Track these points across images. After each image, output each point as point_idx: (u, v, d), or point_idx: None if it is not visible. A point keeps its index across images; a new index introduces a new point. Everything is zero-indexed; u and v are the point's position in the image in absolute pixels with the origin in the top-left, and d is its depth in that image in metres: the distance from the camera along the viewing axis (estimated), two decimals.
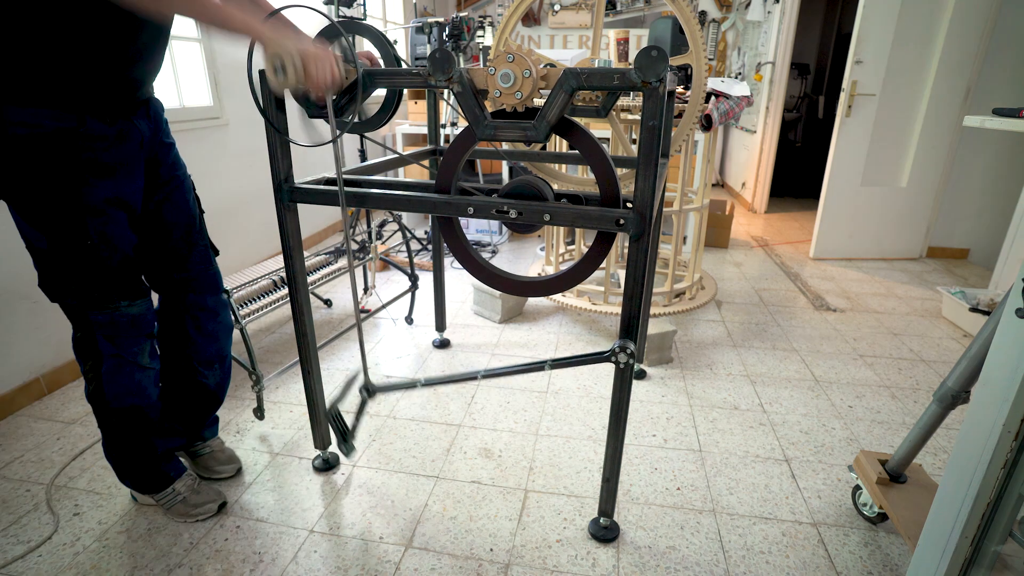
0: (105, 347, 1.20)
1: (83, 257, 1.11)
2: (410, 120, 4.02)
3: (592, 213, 1.08)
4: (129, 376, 1.25)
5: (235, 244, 2.81)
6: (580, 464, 1.61)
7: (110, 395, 1.24)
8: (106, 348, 1.21)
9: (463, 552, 1.30)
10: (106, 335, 1.19)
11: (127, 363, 1.24)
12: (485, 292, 2.58)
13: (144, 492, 1.39)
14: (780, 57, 4.37)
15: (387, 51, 1.38)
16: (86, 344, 1.21)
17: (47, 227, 1.08)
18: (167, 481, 1.38)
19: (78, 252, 1.10)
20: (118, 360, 1.23)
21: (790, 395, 1.98)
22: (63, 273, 1.12)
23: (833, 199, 3.41)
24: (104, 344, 1.20)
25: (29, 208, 1.07)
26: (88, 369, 1.23)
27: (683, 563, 1.28)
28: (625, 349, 1.14)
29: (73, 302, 1.15)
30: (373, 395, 1.41)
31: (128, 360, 1.24)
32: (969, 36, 3.06)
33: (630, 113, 2.22)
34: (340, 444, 1.41)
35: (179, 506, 1.38)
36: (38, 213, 1.07)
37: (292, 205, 1.29)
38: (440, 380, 1.34)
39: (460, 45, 2.76)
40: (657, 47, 0.94)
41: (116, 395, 1.25)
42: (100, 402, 1.25)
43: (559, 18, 5.15)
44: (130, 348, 1.23)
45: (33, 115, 1.00)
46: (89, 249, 1.11)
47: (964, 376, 1.14)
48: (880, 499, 1.29)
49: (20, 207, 1.07)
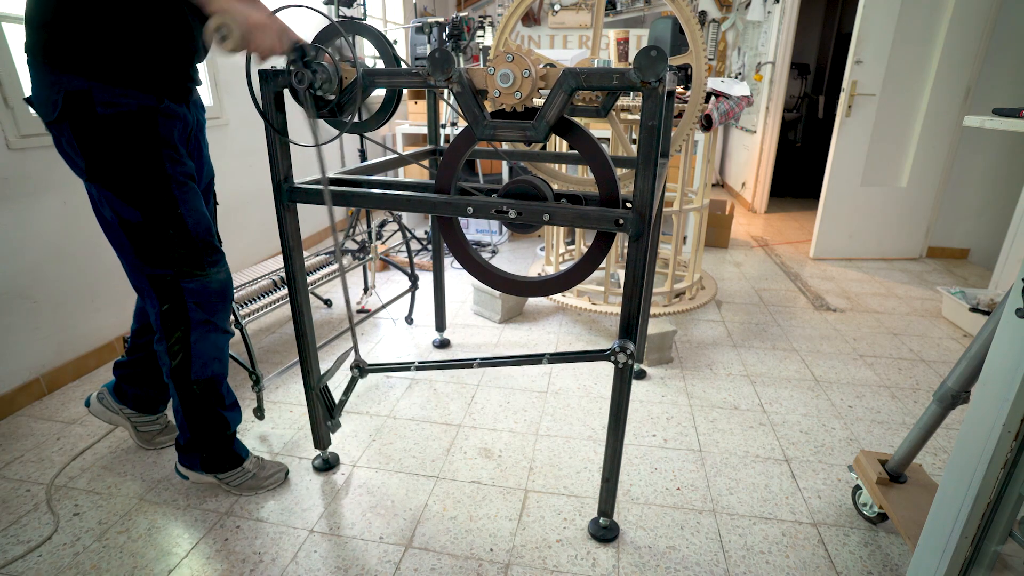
0: (195, 314, 1.28)
1: (175, 226, 1.20)
2: (410, 120, 4.02)
3: (592, 213, 1.08)
4: (214, 343, 1.33)
5: (235, 244, 2.81)
6: (580, 464, 1.61)
7: (196, 364, 1.31)
8: (196, 315, 1.28)
9: (463, 552, 1.30)
10: (196, 302, 1.27)
11: (214, 328, 1.32)
12: (485, 292, 2.58)
13: (215, 471, 1.44)
14: (780, 57, 4.37)
15: (387, 51, 1.38)
16: (175, 314, 1.26)
17: (141, 201, 1.16)
18: (238, 461, 1.45)
19: (171, 222, 1.19)
20: (206, 326, 1.30)
21: (790, 395, 1.98)
22: (158, 245, 1.20)
23: (833, 199, 3.41)
24: (194, 312, 1.27)
25: (122, 184, 1.14)
26: (175, 341, 1.29)
27: (683, 563, 1.28)
28: (625, 349, 1.14)
29: (169, 272, 1.23)
30: (364, 374, 1.43)
31: (216, 325, 1.32)
32: (969, 36, 3.05)
33: (630, 113, 2.21)
34: (326, 419, 1.43)
35: (249, 481, 1.46)
36: (131, 188, 1.15)
37: (292, 205, 1.29)
38: (434, 365, 1.36)
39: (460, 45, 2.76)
40: (657, 47, 0.94)
41: (202, 363, 1.32)
42: (183, 375, 1.32)
43: (559, 18, 5.14)
44: (219, 313, 1.32)
45: (119, 94, 1.09)
46: (179, 218, 1.20)
47: (964, 376, 1.14)
48: (880, 499, 1.29)
49: (113, 185, 1.14)
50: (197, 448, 1.41)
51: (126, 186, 1.14)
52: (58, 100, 1.07)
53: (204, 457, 1.42)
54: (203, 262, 1.26)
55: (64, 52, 1.05)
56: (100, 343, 2.10)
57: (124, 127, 1.10)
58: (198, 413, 1.36)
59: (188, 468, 1.45)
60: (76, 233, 1.95)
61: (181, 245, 1.21)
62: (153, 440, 1.64)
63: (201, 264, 1.25)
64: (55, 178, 1.86)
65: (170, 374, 1.32)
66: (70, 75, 1.05)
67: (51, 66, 1.06)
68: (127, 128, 1.11)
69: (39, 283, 1.86)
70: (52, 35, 1.04)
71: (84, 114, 1.07)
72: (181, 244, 1.21)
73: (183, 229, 1.21)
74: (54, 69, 1.06)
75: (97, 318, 2.07)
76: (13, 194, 1.75)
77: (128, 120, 1.10)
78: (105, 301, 2.09)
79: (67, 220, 1.91)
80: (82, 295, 2.01)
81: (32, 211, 1.81)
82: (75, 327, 2.00)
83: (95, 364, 2.08)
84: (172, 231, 1.20)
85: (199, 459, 1.42)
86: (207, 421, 1.38)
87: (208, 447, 1.41)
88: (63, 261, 1.92)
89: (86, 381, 2.01)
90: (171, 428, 1.68)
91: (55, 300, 1.91)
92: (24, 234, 1.80)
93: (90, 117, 1.08)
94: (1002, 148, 3.30)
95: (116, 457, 1.61)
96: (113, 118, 1.09)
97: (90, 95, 1.06)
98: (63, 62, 1.05)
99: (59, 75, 1.06)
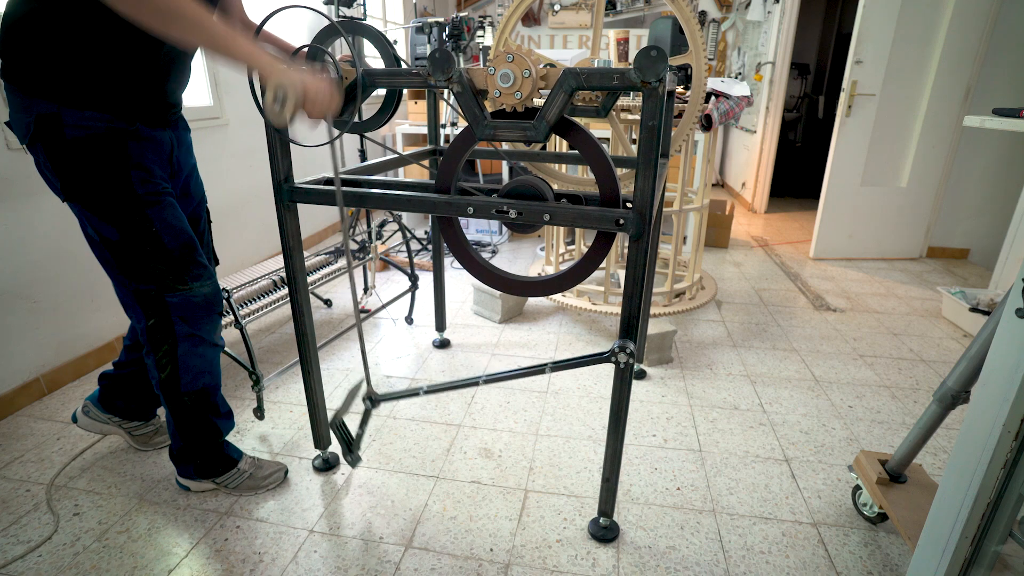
0: (180, 328, 1.27)
1: (152, 244, 1.20)
2: (410, 120, 4.02)
3: (592, 213, 1.08)
4: (202, 355, 1.33)
5: (235, 244, 2.81)
6: (580, 464, 1.61)
7: (185, 377, 1.31)
8: (181, 329, 1.27)
9: (463, 552, 1.30)
10: (181, 316, 1.27)
11: (201, 341, 1.31)
12: (485, 292, 2.58)
13: (210, 476, 1.45)
14: (780, 57, 4.37)
15: (387, 51, 1.38)
16: (161, 329, 1.26)
17: (116, 219, 1.17)
18: (232, 463, 1.46)
19: (146, 240, 1.19)
20: (193, 340, 1.30)
21: (790, 395, 1.98)
22: (138, 261, 1.20)
23: (833, 199, 3.41)
24: (180, 325, 1.27)
25: (97, 204, 1.15)
26: (163, 354, 1.28)
27: (683, 563, 1.28)
28: (625, 349, 1.14)
29: (152, 288, 1.23)
30: (376, 405, 1.41)
31: (202, 338, 1.31)
32: (969, 36, 3.05)
33: (630, 113, 2.21)
34: (346, 455, 1.41)
35: (247, 482, 1.47)
36: (105, 207, 1.16)
37: (292, 205, 1.29)
38: (442, 387, 1.34)
39: (460, 45, 2.76)
40: (657, 47, 0.94)
41: (191, 377, 1.32)
42: (173, 388, 1.32)
43: (559, 18, 5.15)
44: (204, 326, 1.31)
45: (88, 117, 1.09)
46: (155, 236, 1.20)
47: (964, 376, 1.14)
48: (880, 499, 1.29)
49: (89, 204, 1.15)
50: (190, 456, 1.41)
51: (99, 206, 1.15)
52: (30, 123, 1.08)
53: (198, 464, 1.42)
54: (185, 277, 1.25)
55: (34, 77, 1.06)
56: (100, 343, 2.10)
57: (92, 149, 1.11)
58: (190, 423, 1.37)
59: (187, 478, 1.46)
60: (76, 233, 1.94)
61: (161, 261, 1.21)
62: (150, 441, 1.65)
63: (183, 279, 1.25)
64: None
65: (160, 386, 1.32)
66: (40, 99, 1.06)
67: (22, 91, 1.07)
68: (95, 150, 1.11)
69: (39, 283, 1.86)
70: (22, 60, 1.05)
71: (54, 137, 1.08)
72: (160, 260, 1.21)
73: (160, 246, 1.21)
74: (25, 93, 1.07)
75: (97, 318, 2.07)
76: (13, 194, 1.75)
77: (96, 143, 1.11)
78: (105, 301, 2.09)
79: (67, 220, 1.91)
80: (82, 295, 2.01)
81: (32, 211, 1.81)
82: (75, 327, 2.00)
83: (95, 364, 2.08)
84: (149, 248, 1.20)
85: (193, 466, 1.43)
86: (199, 430, 1.38)
87: (201, 454, 1.41)
88: (63, 261, 1.92)
89: (86, 381, 2.01)
90: (165, 429, 1.68)
91: (55, 300, 1.91)
92: (24, 234, 1.80)
93: (59, 140, 1.09)
94: (1002, 148, 3.30)
95: (116, 457, 1.61)
96: (83, 141, 1.10)
97: (59, 118, 1.07)
98: (33, 87, 1.06)
99: (30, 99, 1.07)
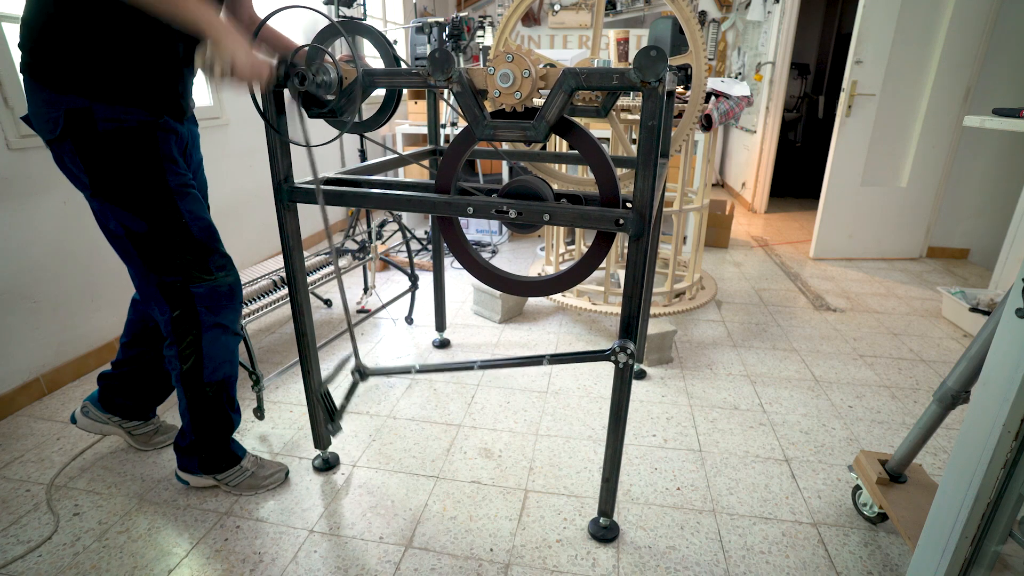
0: (206, 318, 1.30)
1: (181, 235, 1.23)
2: (410, 120, 4.01)
3: (592, 213, 1.08)
4: (225, 345, 1.35)
5: (235, 244, 2.80)
6: (580, 464, 1.61)
7: (208, 367, 1.33)
8: (207, 319, 1.30)
9: (463, 552, 1.30)
10: (207, 306, 1.29)
11: (225, 330, 1.34)
12: (485, 292, 2.57)
13: (213, 472, 1.45)
14: (780, 57, 4.37)
15: (387, 51, 1.38)
16: (186, 319, 1.28)
17: (146, 212, 1.19)
18: (236, 460, 1.47)
19: (176, 231, 1.22)
20: (217, 329, 1.32)
21: (790, 395, 1.98)
22: (165, 252, 1.23)
23: (833, 199, 3.41)
24: (205, 315, 1.29)
25: (126, 197, 1.17)
26: (187, 345, 1.30)
27: (683, 563, 1.28)
28: (625, 349, 1.14)
29: (178, 279, 1.25)
30: (365, 378, 1.44)
31: (226, 327, 1.34)
32: (969, 36, 3.05)
33: (630, 113, 2.21)
34: (326, 423, 1.44)
35: (248, 480, 1.47)
36: (135, 200, 1.18)
37: (292, 205, 1.29)
38: (435, 368, 1.36)
39: (460, 45, 2.76)
40: (656, 47, 0.94)
41: (214, 366, 1.34)
42: (195, 378, 1.33)
43: (559, 18, 5.14)
44: (228, 315, 1.34)
45: (120, 111, 1.12)
46: (184, 227, 1.23)
47: (964, 376, 1.14)
48: (880, 499, 1.29)
49: (118, 198, 1.17)
50: (198, 449, 1.41)
51: (131, 199, 1.17)
52: (59, 118, 1.09)
53: (203, 458, 1.43)
54: (211, 267, 1.28)
55: (63, 73, 1.08)
56: (100, 343, 2.10)
57: (125, 142, 1.13)
58: (207, 415, 1.38)
59: (187, 472, 1.46)
60: (76, 233, 1.95)
61: (188, 252, 1.24)
62: (150, 441, 1.65)
63: (209, 269, 1.28)
64: (55, 178, 1.85)
65: (180, 378, 1.33)
66: (71, 95, 1.08)
67: (50, 87, 1.08)
68: (128, 143, 1.14)
69: (39, 283, 1.86)
70: (51, 57, 1.07)
71: (86, 131, 1.10)
72: (188, 251, 1.24)
73: (188, 237, 1.24)
74: (54, 89, 1.08)
75: (97, 318, 2.07)
76: (13, 194, 1.75)
77: (129, 135, 1.13)
78: (105, 301, 2.09)
79: (67, 220, 1.91)
80: (82, 295, 2.01)
81: (32, 211, 1.81)
82: (75, 327, 2.00)
83: (95, 364, 2.08)
84: (179, 239, 1.23)
85: (197, 460, 1.43)
86: (215, 422, 1.39)
87: (209, 448, 1.42)
88: (63, 261, 1.92)
89: (86, 381, 2.01)
90: (165, 428, 1.68)
91: (55, 300, 1.91)
92: (24, 234, 1.80)
93: (92, 134, 1.11)
94: (1002, 148, 3.30)
95: (116, 457, 1.61)
96: (114, 134, 1.12)
97: (91, 112, 1.09)
98: (62, 83, 1.08)
99: (59, 95, 1.08)
